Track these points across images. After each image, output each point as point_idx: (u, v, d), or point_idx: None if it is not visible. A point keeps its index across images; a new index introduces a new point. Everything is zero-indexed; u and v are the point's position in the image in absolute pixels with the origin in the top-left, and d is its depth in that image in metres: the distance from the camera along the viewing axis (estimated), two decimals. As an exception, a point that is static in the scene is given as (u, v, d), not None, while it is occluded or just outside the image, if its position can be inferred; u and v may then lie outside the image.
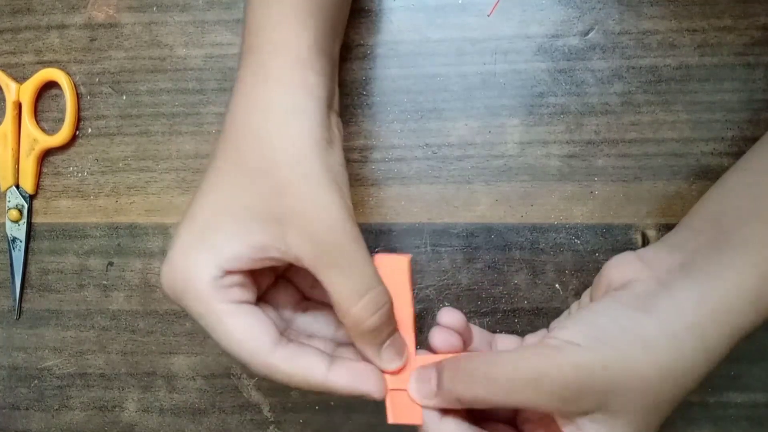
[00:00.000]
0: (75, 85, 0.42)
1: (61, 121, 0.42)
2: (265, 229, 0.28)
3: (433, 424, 0.29)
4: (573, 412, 0.27)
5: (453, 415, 0.30)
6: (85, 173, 0.42)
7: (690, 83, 0.38)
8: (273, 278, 0.32)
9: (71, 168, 0.42)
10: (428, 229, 0.40)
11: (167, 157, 0.41)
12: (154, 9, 0.41)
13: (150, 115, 0.41)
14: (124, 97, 0.42)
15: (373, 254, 0.31)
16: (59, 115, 0.42)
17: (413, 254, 0.39)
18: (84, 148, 0.42)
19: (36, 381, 0.42)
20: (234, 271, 0.28)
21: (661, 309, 0.29)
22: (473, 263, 0.39)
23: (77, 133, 0.42)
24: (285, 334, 0.30)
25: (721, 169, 0.38)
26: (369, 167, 0.40)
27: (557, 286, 0.39)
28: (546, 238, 0.39)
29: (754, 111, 0.38)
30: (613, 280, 0.32)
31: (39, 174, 0.42)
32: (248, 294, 0.29)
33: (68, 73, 0.42)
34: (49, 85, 0.42)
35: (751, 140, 0.38)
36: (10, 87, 0.42)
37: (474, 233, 0.39)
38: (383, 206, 0.40)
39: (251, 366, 0.28)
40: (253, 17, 0.31)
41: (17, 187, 0.42)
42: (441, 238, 0.39)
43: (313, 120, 0.29)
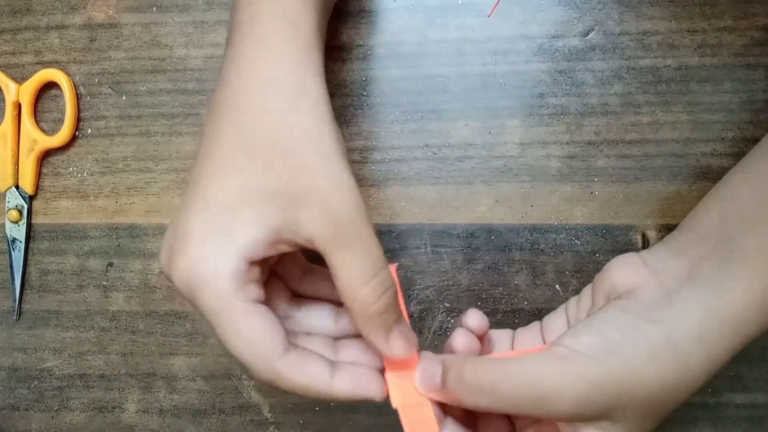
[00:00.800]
0: (75, 85, 0.42)
1: (61, 121, 0.42)
2: (279, 210, 0.27)
3: None
4: (577, 422, 0.28)
5: (451, 413, 0.30)
6: (85, 174, 0.42)
7: (690, 84, 0.38)
8: (268, 273, 0.31)
9: (71, 168, 0.42)
10: (428, 229, 0.40)
11: (167, 157, 0.41)
12: (154, 9, 0.41)
13: (150, 116, 0.41)
14: (124, 98, 0.42)
15: None
16: (59, 115, 0.42)
17: (413, 255, 0.39)
18: (84, 149, 0.42)
19: (36, 382, 0.42)
20: (254, 262, 0.27)
21: (668, 320, 0.29)
22: (473, 264, 0.39)
23: (77, 133, 0.42)
24: (289, 337, 0.29)
25: (721, 170, 0.38)
26: (369, 168, 0.40)
27: (557, 286, 0.39)
28: (546, 238, 0.39)
29: (754, 112, 0.38)
30: (617, 283, 0.32)
31: (39, 174, 0.42)
32: (262, 292, 0.28)
33: (68, 74, 0.42)
34: (49, 86, 0.42)
35: (751, 141, 0.38)
36: (9, 87, 0.42)
37: (474, 234, 0.39)
38: (383, 207, 0.40)
39: (256, 370, 0.27)
40: None
41: (17, 187, 0.42)
42: (441, 238, 0.39)
43: (321, 98, 0.29)
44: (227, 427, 0.41)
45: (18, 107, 0.42)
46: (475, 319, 0.31)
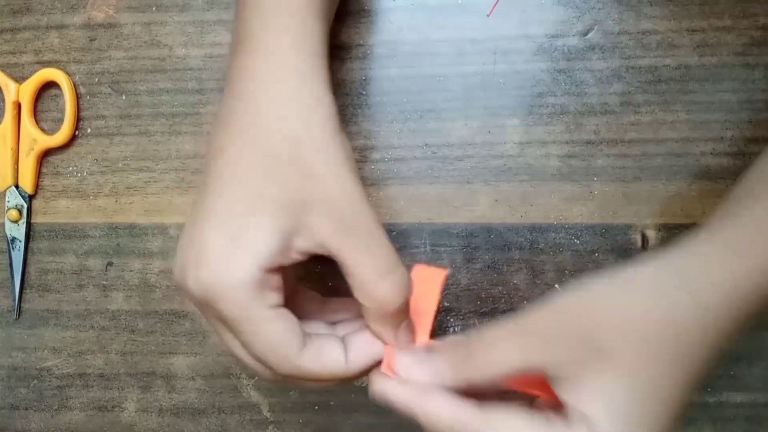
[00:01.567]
0: (74, 85, 0.42)
1: (61, 121, 0.42)
2: (291, 217, 0.28)
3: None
4: (562, 363, 0.27)
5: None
6: (85, 173, 0.42)
7: (689, 83, 0.38)
8: (292, 286, 0.32)
9: (70, 168, 0.42)
10: (428, 229, 0.40)
11: (167, 157, 0.41)
12: (154, 9, 0.41)
13: (149, 115, 0.41)
14: (124, 97, 0.42)
15: (413, 265, 0.31)
16: (59, 115, 0.42)
17: (413, 254, 0.39)
18: (83, 148, 0.42)
19: (35, 381, 0.42)
20: (273, 270, 0.28)
21: (648, 263, 0.29)
22: (473, 263, 0.39)
23: (76, 133, 0.42)
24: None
25: (720, 169, 0.38)
26: (368, 167, 0.40)
27: (557, 286, 0.39)
28: (545, 238, 0.39)
29: (753, 111, 0.38)
30: None
31: (38, 174, 0.42)
32: (281, 296, 0.29)
33: (68, 73, 0.42)
34: (49, 85, 0.42)
35: (750, 140, 0.38)
36: (9, 87, 0.42)
37: (473, 233, 0.39)
38: (383, 206, 0.40)
39: (278, 368, 0.28)
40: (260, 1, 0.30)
41: (16, 187, 0.42)
42: (440, 238, 0.39)
43: (332, 111, 0.30)
44: (227, 427, 0.41)
45: (18, 107, 0.42)
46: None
